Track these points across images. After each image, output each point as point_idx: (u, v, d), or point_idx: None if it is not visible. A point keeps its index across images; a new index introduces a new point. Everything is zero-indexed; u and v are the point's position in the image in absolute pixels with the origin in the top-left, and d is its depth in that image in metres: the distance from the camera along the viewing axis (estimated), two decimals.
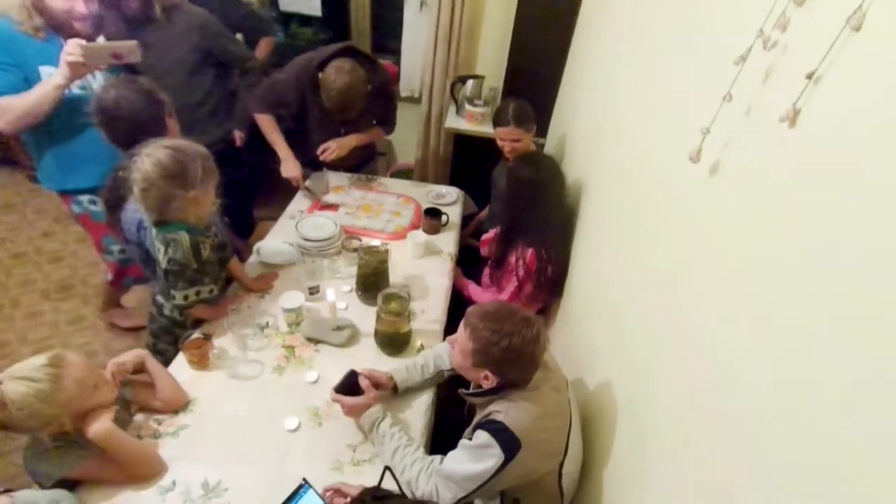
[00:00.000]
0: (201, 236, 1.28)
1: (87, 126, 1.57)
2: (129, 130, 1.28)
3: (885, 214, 0.46)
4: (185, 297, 1.29)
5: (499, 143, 1.87)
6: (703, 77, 0.86)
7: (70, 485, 0.99)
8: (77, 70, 1.42)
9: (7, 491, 0.88)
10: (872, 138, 0.49)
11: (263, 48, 2.44)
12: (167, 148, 1.16)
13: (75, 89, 1.53)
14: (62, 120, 1.53)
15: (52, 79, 1.43)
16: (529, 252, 1.63)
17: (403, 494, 1.02)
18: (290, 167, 1.96)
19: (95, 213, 1.76)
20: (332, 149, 1.95)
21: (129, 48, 1.43)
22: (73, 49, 1.37)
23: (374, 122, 2.11)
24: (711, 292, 0.75)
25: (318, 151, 1.96)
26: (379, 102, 1.98)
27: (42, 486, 0.97)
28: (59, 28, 1.50)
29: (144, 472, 1.06)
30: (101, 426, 0.97)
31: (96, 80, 1.60)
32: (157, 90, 1.35)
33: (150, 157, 1.14)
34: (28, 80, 1.47)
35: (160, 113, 1.34)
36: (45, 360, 0.91)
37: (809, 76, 0.56)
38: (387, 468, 0.97)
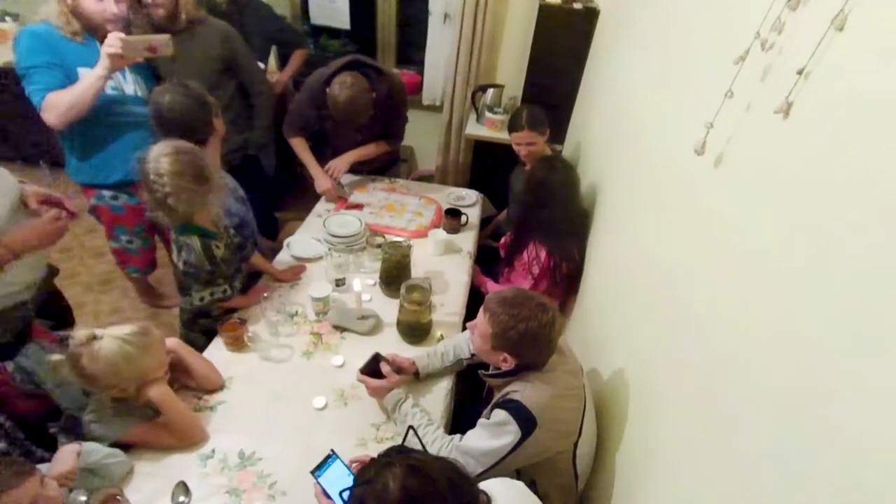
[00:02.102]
0: (214, 239, 1.35)
1: (116, 125, 1.73)
2: (181, 131, 1.40)
3: (872, 195, 0.51)
4: (201, 299, 1.38)
5: (515, 147, 1.96)
6: (707, 76, 0.93)
7: (123, 449, 1.10)
8: (116, 62, 1.53)
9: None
10: (854, 124, 0.55)
11: (297, 59, 2.58)
12: (182, 150, 1.22)
13: (108, 90, 1.64)
14: (94, 118, 1.65)
15: (93, 71, 1.55)
16: (544, 251, 1.70)
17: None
18: (322, 184, 2.11)
19: (114, 206, 1.91)
20: (335, 167, 2.10)
21: (164, 41, 1.54)
22: (113, 41, 1.49)
23: (383, 132, 2.17)
24: (719, 282, 0.80)
25: (325, 169, 2.10)
26: (385, 111, 2.05)
27: None
28: (94, 30, 1.63)
29: (190, 435, 1.16)
30: (161, 388, 1.09)
31: (127, 82, 1.73)
32: (206, 94, 1.47)
33: (167, 163, 1.18)
34: (69, 79, 1.59)
35: (209, 115, 1.46)
36: (136, 328, 1.03)
37: (800, 72, 0.63)
38: (410, 427, 1.03)
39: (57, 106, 1.57)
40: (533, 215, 1.74)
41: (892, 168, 0.49)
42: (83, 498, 0.93)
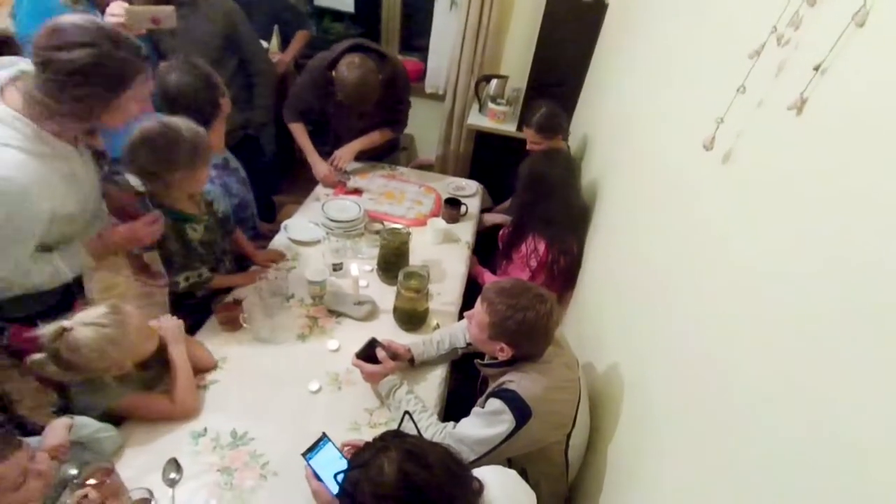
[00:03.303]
0: (190, 221, 1.34)
1: None
2: (187, 110, 1.38)
3: (887, 197, 0.50)
4: (186, 278, 1.38)
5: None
6: (719, 70, 0.92)
7: (114, 424, 1.09)
8: None
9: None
10: (871, 123, 0.55)
11: (299, 41, 2.54)
12: (161, 123, 1.21)
13: None
14: None
15: None
16: (542, 244, 1.70)
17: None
18: (320, 169, 2.09)
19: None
20: (340, 157, 2.08)
21: (167, 13, 1.49)
22: (117, 10, 1.43)
23: (386, 118, 2.14)
24: (717, 280, 0.80)
25: (329, 161, 2.08)
26: (389, 98, 2.02)
27: None
28: None
29: (189, 403, 1.16)
30: (179, 347, 1.17)
31: None
32: (214, 73, 1.44)
33: (140, 129, 1.19)
34: None
35: (216, 95, 1.44)
36: (107, 309, 1.00)
37: (816, 68, 0.62)
38: (406, 413, 1.03)
39: None
40: (532, 208, 1.73)
41: None
42: (73, 471, 0.92)
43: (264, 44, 2.35)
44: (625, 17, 1.99)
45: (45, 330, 0.95)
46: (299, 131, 2.11)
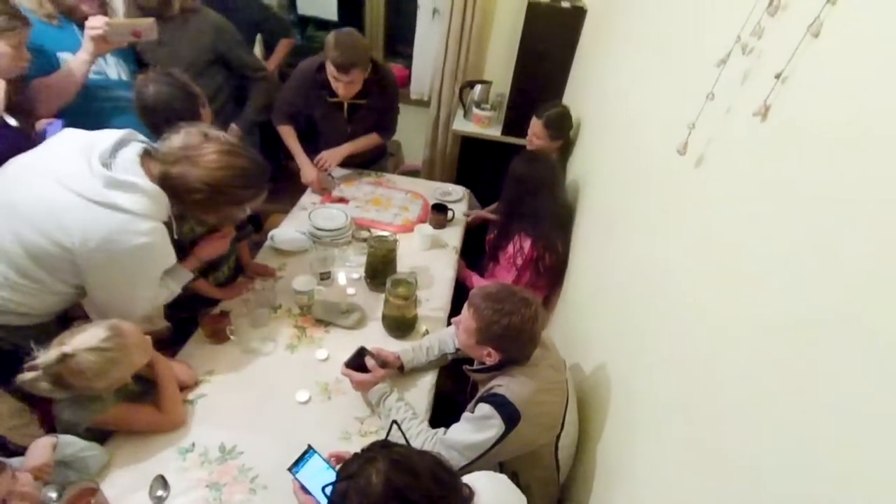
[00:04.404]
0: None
1: (102, 111, 1.65)
2: (168, 121, 1.37)
3: (845, 197, 0.53)
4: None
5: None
6: (690, 77, 0.95)
7: (100, 440, 1.07)
8: (100, 46, 1.47)
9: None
10: (828, 128, 0.58)
11: (282, 49, 2.54)
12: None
13: (91, 75, 1.57)
14: (80, 105, 1.58)
15: (77, 55, 1.49)
16: (528, 241, 1.72)
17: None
18: (307, 174, 2.08)
19: None
20: (326, 158, 2.06)
21: (148, 26, 1.50)
22: (97, 23, 1.43)
23: (375, 123, 2.14)
24: (699, 279, 0.82)
25: (315, 161, 2.07)
26: (379, 101, 2.04)
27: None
28: (70, 12, 1.56)
29: (176, 413, 1.16)
30: (162, 361, 1.16)
31: (109, 65, 1.66)
32: (191, 83, 1.44)
33: None
34: (52, 65, 1.52)
35: (195, 105, 1.43)
36: (108, 332, 1.00)
37: (778, 76, 0.65)
38: (394, 422, 1.04)
39: (42, 92, 1.51)
40: (518, 207, 1.76)
41: (864, 171, 0.51)
42: (53, 494, 0.91)
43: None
44: (602, 23, 2.03)
45: (45, 357, 0.95)
46: (288, 133, 2.11)
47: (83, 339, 0.97)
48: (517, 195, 1.75)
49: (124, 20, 1.56)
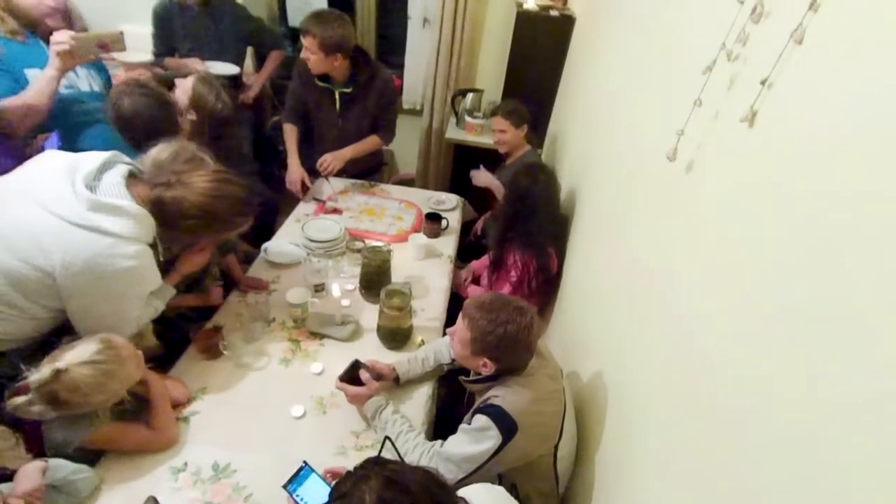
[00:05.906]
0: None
1: (76, 125, 1.62)
2: (146, 133, 1.36)
3: (831, 202, 0.53)
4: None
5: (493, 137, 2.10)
6: (678, 84, 0.95)
7: (90, 461, 1.05)
8: (66, 61, 1.42)
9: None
10: (813, 133, 0.58)
11: (273, 61, 2.55)
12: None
13: (63, 90, 1.53)
14: (53, 120, 1.55)
15: (44, 72, 1.44)
16: (524, 257, 1.71)
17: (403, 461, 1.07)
18: (292, 173, 2.08)
19: None
20: (329, 161, 2.05)
21: (115, 38, 1.45)
22: (61, 38, 1.39)
23: (374, 126, 2.16)
24: (691, 283, 0.82)
25: (317, 165, 2.06)
26: (378, 100, 2.06)
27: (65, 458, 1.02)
28: (34, 26, 1.54)
29: (170, 430, 1.15)
30: (153, 376, 1.15)
31: (80, 77, 1.63)
32: (166, 92, 1.42)
33: None
34: (18, 83, 1.48)
35: (172, 114, 1.42)
36: (100, 345, 0.98)
37: (763, 82, 0.65)
38: (387, 438, 1.02)
39: (12, 112, 1.46)
40: (516, 225, 1.74)
41: (850, 174, 0.51)
42: None
43: (237, 67, 2.36)
44: (591, 31, 2.04)
45: (38, 376, 0.93)
46: (289, 132, 2.14)
47: (76, 354, 0.96)
48: (517, 213, 1.73)
49: (90, 34, 1.50)
